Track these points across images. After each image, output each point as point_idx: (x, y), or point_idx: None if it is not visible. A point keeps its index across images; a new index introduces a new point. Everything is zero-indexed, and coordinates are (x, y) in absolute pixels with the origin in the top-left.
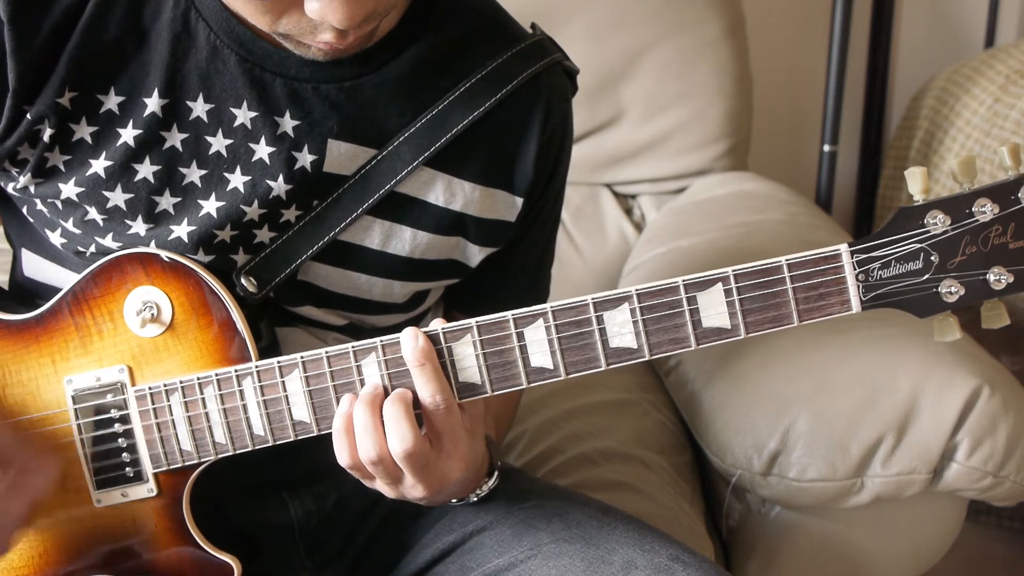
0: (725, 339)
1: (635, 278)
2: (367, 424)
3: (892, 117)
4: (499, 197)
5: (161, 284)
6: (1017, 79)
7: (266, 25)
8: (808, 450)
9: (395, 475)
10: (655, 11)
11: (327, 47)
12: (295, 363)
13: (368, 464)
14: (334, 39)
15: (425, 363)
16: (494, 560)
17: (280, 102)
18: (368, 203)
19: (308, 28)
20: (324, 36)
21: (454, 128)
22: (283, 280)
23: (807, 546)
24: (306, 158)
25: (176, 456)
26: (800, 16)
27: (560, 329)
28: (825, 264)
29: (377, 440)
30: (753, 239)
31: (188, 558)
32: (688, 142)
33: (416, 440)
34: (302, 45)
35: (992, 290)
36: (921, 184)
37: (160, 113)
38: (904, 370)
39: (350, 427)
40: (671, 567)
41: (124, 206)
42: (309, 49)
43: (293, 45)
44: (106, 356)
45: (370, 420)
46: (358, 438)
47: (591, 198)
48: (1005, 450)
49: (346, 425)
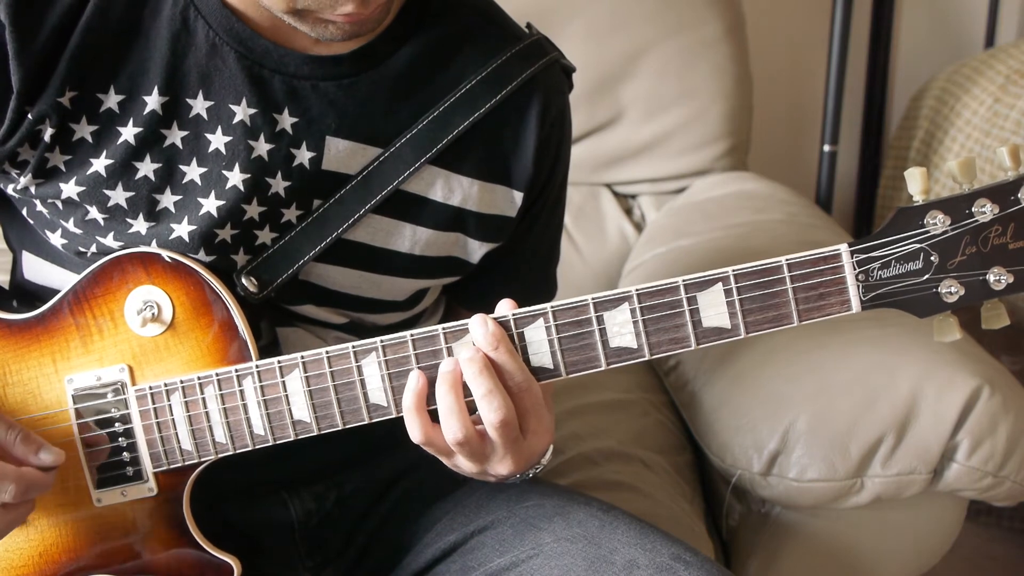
0: (725, 339)
1: (635, 278)
2: (452, 406)
3: (892, 117)
4: (498, 192)
5: (162, 284)
6: (1017, 79)
7: (284, 5)
8: (808, 450)
9: (481, 452)
10: (655, 11)
11: (349, 18)
12: (295, 363)
13: (454, 445)
14: (356, 7)
15: (499, 346)
16: (496, 560)
17: (279, 99)
18: (372, 203)
19: (328, 1)
20: (345, 8)
21: (456, 128)
22: (285, 280)
23: (807, 546)
24: (304, 155)
25: (176, 456)
26: (800, 16)
27: (560, 329)
28: (825, 264)
29: (463, 421)
30: (753, 239)
31: (188, 558)
32: (688, 142)
33: (511, 409)
34: (320, 22)
35: (992, 290)
36: (921, 184)
37: (160, 111)
38: (904, 370)
39: (422, 405)
40: (673, 566)
41: (125, 204)
42: (327, 27)
43: (310, 25)
44: (107, 355)
45: (455, 403)
46: (443, 420)
47: (591, 198)
48: (1005, 450)
49: (417, 403)
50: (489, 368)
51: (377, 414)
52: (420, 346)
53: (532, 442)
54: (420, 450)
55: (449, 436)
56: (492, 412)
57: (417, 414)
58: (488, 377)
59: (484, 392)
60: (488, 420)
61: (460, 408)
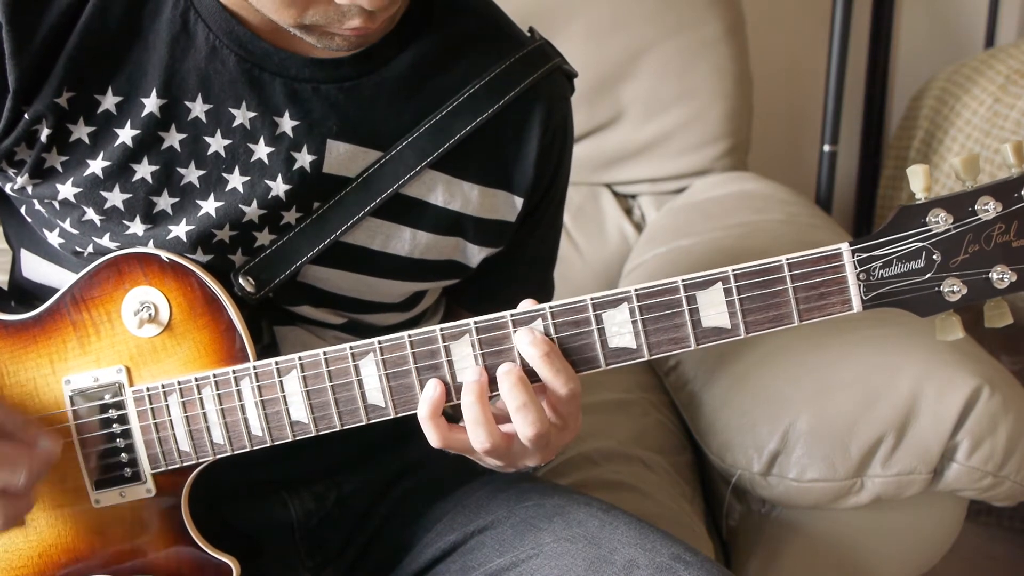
0: (725, 339)
1: (635, 278)
2: (479, 417)
3: (892, 117)
4: (499, 197)
5: (159, 284)
6: (1017, 79)
7: (291, 18)
8: (808, 450)
9: (508, 453)
10: (655, 11)
11: (355, 32)
12: (293, 364)
13: (481, 452)
14: (363, 23)
15: (550, 352)
16: (495, 560)
17: (279, 102)
18: (371, 205)
19: (336, 16)
20: (352, 22)
21: (458, 133)
22: (283, 281)
23: (807, 546)
24: (305, 158)
25: (174, 457)
26: (800, 16)
27: (559, 329)
28: (826, 263)
29: (490, 430)
30: (753, 239)
31: (187, 558)
32: (688, 142)
33: (546, 422)
34: (326, 35)
35: (995, 289)
36: (923, 182)
37: (158, 113)
38: (904, 370)
39: (437, 412)
40: (673, 566)
41: (122, 206)
42: (333, 39)
43: (316, 37)
44: (104, 356)
45: (481, 413)
46: (470, 430)
47: (591, 198)
48: (1005, 450)
49: (432, 411)
50: (524, 381)
51: (375, 415)
52: (418, 347)
53: (563, 437)
54: (419, 450)
55: (477, 445)
56: (527, 426)
57: (432, 421)
58: (522, 390)
59: (519, 405)
60: (523, 433)
61: (487, 418)
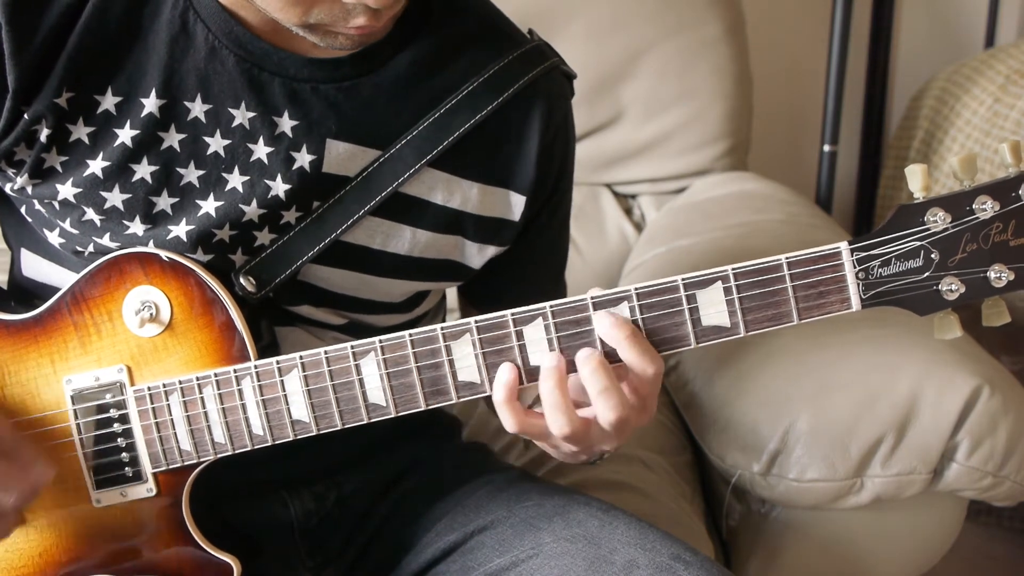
0: (725, 338)
1: (635, 278)
2: (558, 402)
3: (892, 117)
4: (499, 195)
5: (160, 284)
6: (1017, 79)
7: (296, 17)
8: (808, 450)
9: (586, 438)
10: (655, 11)
11: (360, 31)
12: (294, 363)
13: (561, 437)
14: (368, 21)
15: (633, 333)
16: (495, 560)
17: (278, 102)
18: (371, 204)
19: (341, 14)
20: (357, 20)
21: (457, 131)
22: (283, 280)
23: (807, 546)
24: (305, 158)
25: (175, 456)
26: (800, 16)
27: (559, 328)
28: (825, 262)
29: (569, 415)
30: (753, 239)
31: (188, 558)
32: (688, 142)
33: (628, 405)
34: (330, 34)
35: (993, 288)
36: (921, 181)
37: (158, 113)
38: (904, 370)
39: (512, 396)
40: (673, 566)
41: (122, 206)
42: (337, 38)
43: (320, 36)
44: (105, 356)
45: (560, 399)
46: (549, 416)
47: (591, 198)
48: (1005, 450)
49: (508, 395)
50: (605, 365)
51: (376, 414)
52: (419, 346)
53: (641, 419)
54: (419, 450)
55: (556, 431)
56: (609, 410)
57: (508, 405)
58: (604, 374)
59: (601, 389)
60: (604, 417)
61: (566, 404)
